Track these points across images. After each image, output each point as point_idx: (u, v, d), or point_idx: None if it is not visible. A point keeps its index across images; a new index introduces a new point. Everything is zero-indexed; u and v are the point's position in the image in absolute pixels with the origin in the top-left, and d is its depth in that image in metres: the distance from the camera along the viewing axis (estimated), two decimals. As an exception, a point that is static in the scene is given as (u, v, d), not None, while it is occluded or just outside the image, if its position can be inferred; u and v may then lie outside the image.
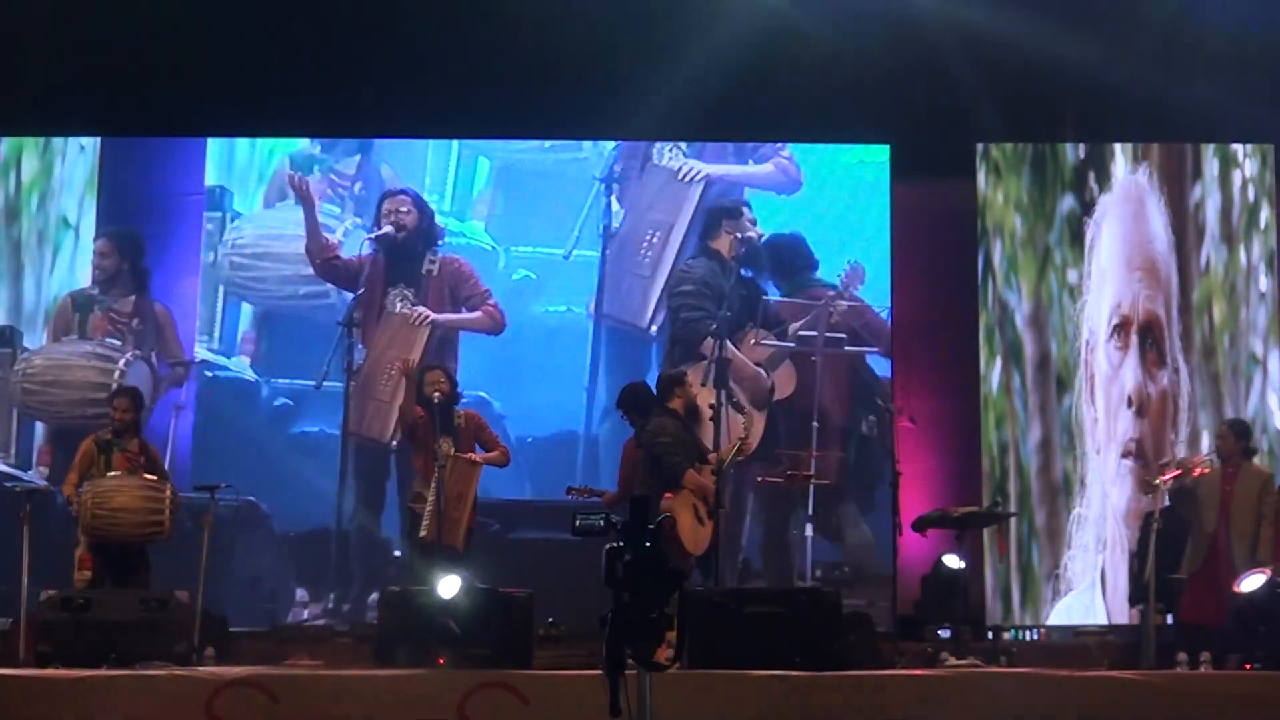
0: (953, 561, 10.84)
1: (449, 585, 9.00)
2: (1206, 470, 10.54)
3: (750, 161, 12.64)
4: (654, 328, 12.42)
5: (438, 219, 12.46)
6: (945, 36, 12.06)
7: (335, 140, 12.72)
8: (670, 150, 12.58)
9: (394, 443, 11.89)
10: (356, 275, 12.26)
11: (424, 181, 12.67)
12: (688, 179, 12.49)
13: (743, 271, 12.23)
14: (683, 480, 9.96)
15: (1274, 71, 12.29)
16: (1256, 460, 10.94)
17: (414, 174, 12.71)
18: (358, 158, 12.72)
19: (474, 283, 12.35)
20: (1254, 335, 12.38)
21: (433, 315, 12.22)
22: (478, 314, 12.32)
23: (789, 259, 12.33)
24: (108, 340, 12.22)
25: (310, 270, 12.37)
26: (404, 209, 12.30)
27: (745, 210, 12.39)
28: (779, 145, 12.59)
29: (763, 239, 12.27)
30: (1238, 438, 10.74)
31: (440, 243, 12.40)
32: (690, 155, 12.59)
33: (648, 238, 12.52)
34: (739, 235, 12.23)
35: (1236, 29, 12.13)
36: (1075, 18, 12.06)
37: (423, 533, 10.09)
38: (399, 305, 12.25)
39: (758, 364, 12.03)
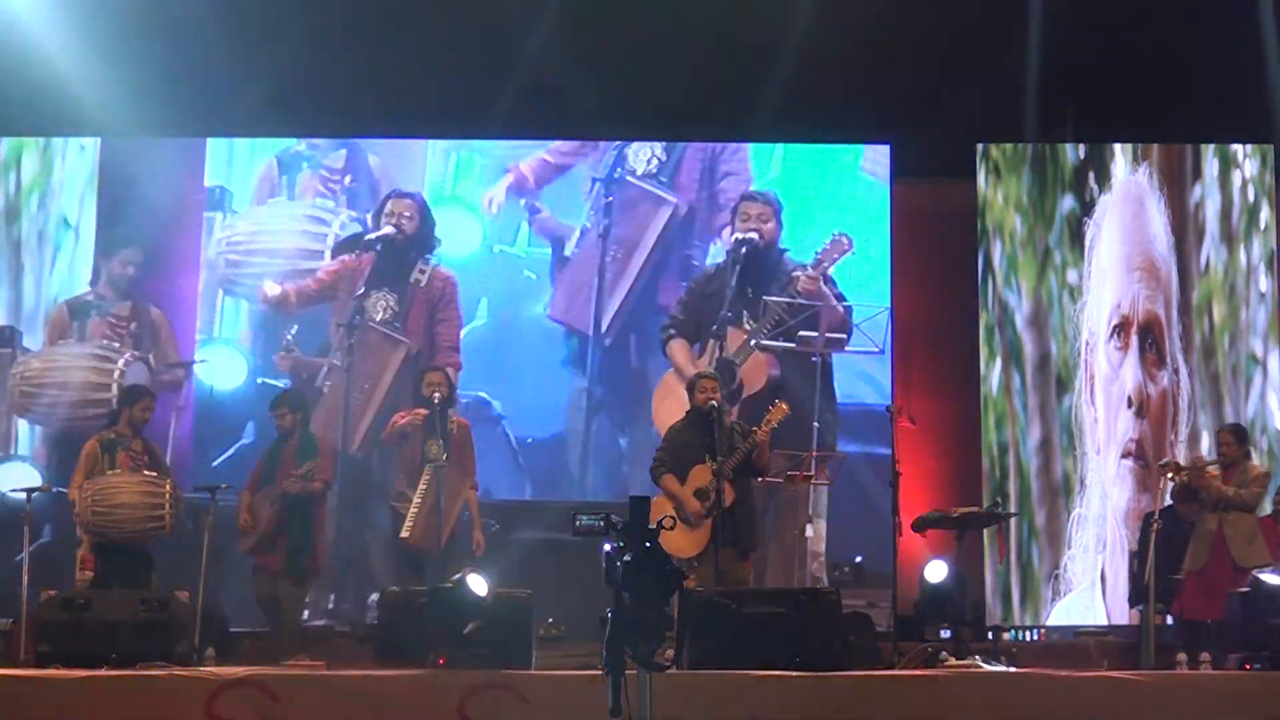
0: (934, 574, 10.86)
1: (479, 583, 8.95)
2: (1216, 474, 10.54)
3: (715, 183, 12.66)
4: (608, 340, 12.44)
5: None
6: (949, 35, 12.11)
7: (327, 139, 12.73)
8: (641, 153, 12.57)
9: (359, 454, 11.93)
10: (329, 282, 12.25)
11: (421, 177, 12.67)
12: (658, 196, 12.50)
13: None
14: (657, 482, 10.06)
15: (1274, 71, 12.30)
16: (1254, 460, 10.93)
17: (403, 167, 12.70)
18: (344, 151, 12.71)
19: (453, 307, 12.31)
20: (1254, 335, 12.39)
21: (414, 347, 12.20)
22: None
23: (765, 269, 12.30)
24: (105, 342, 12.23)
25: (306, 265, 12.38)
26: (407, 213, 12.29)
27: (754, 205, 12.36)
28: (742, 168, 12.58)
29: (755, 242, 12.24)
30: (1240, 441, 10.76)
31: (433, 253, 12.36)
32: (670, 166, 12.58)
33: (612, 252, 12.53)
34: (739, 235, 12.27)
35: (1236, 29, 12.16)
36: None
37: (404, 533, 10.08)
38: (380, 313, 12.22)
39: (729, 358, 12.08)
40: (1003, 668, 9.31)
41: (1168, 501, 10.68)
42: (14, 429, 12.23)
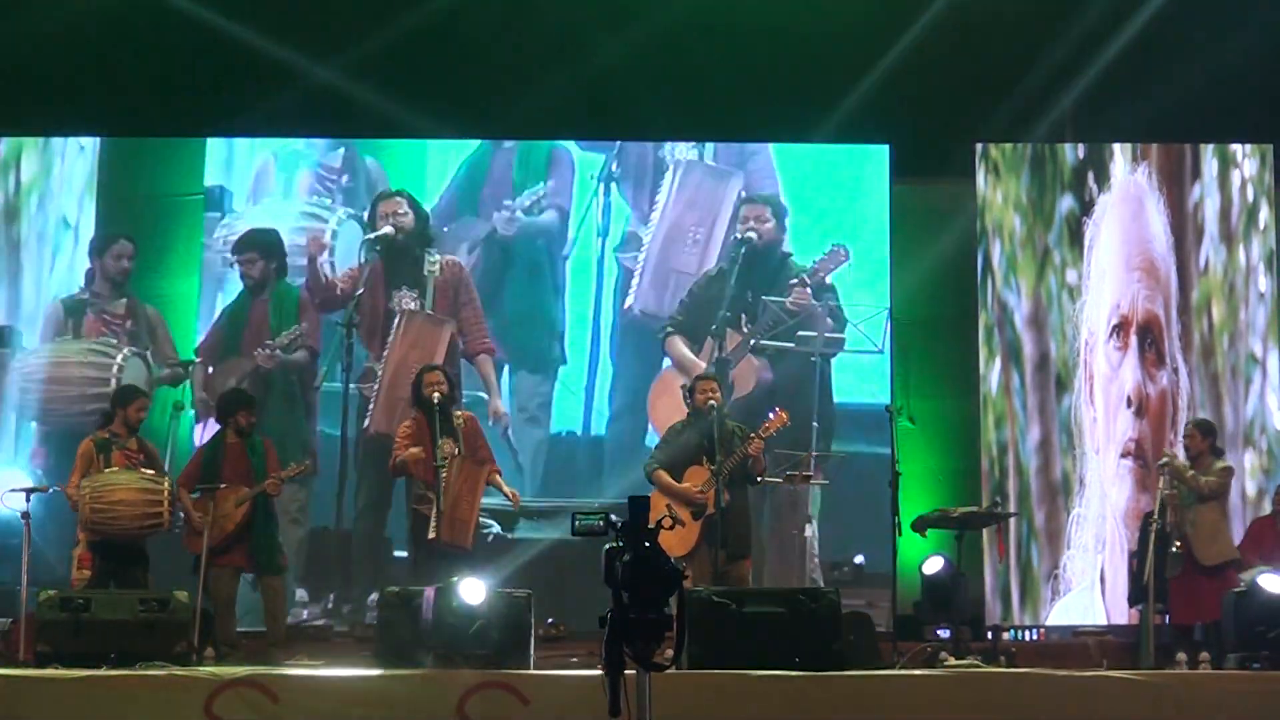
0: (931, 566, 10.91)
1: (474, 590, 8.94)
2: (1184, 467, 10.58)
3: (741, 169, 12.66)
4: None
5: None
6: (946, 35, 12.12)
7: (326, 138, 12.72)
8: (689, 148, 12.59)
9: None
10: (351, 291, 12.26)
11: (419, 175, 12.66)
12: (723, 168, 12.50)
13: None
14: (651, 479, 10.10)
15: (1274, 71, 12.31)
16: (1222, 461, 10.85)
17: (401, 168, 12.71)
18: (342, 151, 12.72)
19: (470, 289, 12.32)
20: (1253, 335, 12.38)
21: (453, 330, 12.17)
22: (489, 360, 12.26)
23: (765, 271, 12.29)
24: (103, 339, 12.23)
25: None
26: (401, 210, 12.30)
27: (752, 208, 12.35)
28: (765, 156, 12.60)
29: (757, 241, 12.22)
30: (1204, 435, 10.76)
31: (433, 244, 12.37)
32: (707, 155, 12.62)
33: (691, 233, 12.52)
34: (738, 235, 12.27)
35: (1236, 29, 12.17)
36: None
37: (431, 534, 9.92)
38: (412, 303, 12.24)
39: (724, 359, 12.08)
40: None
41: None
42: (13, 428, 12.22)
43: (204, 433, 12.14)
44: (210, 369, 12.26)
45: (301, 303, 11.82)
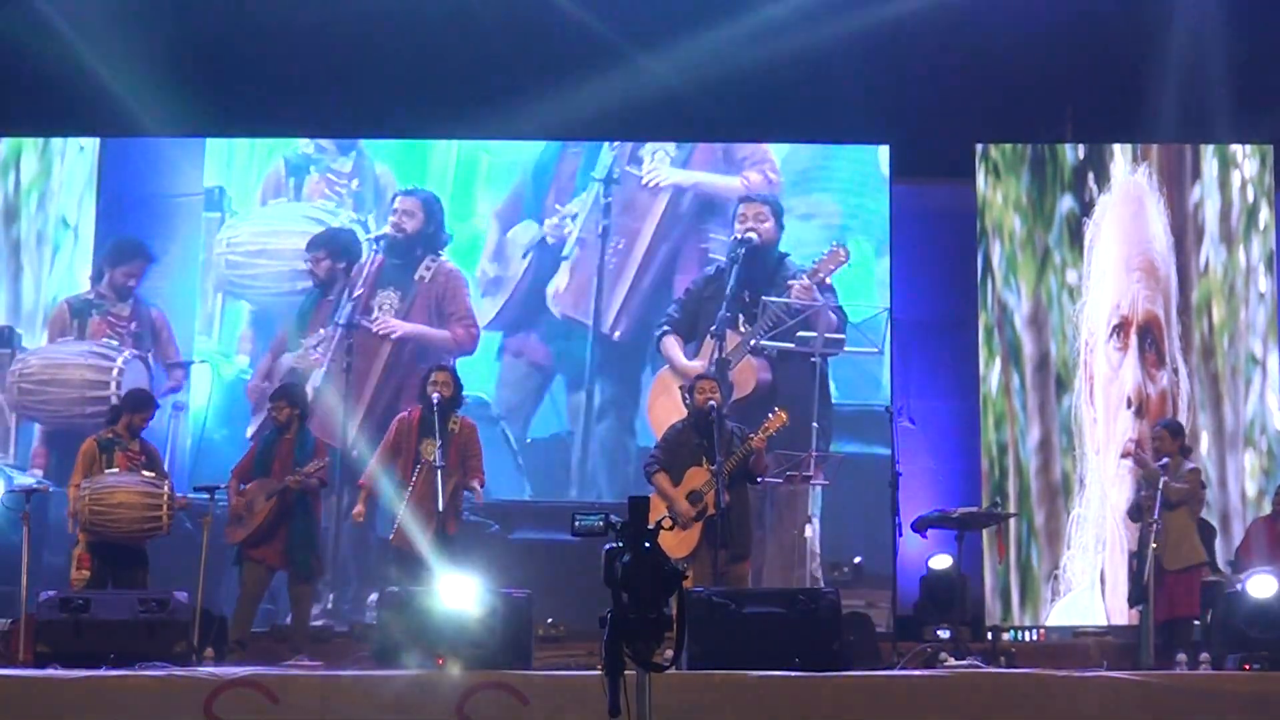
0: (939, 562, 10.92)
1: (467, 591, 8.96)
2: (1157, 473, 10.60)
3: (735, 172, 12.59)
4: (617, 333, 12.41)
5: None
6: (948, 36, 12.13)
7: (331, 139, 12.71)
8: (656, 153, 12.56)
9: (354, 451, 11.90)
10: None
11: (423, 180, 12.66)
12: (653, 185, 12.48)
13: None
14: (650, 480, 10.11)
15: (1274, 71, 12.31)
16: (1190, 463, 10.86)
17: (411, 171, 12.70)
18: (353, 155, 12.72)
19: (461, 300, 12.27)
20: (1253, 335, 12.38)
21: (399, 329, 12.13)
22: (444, 332, 12.20)
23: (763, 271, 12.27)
24: (104, 340, 12.23)
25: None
26: (408, 211, 12.28)
27: (751, 207, 12.32)
28: (764, 158, 12.56)
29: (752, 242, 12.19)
30: (1173, 436, 10.77)
31: (443, 249, 12.35)
32: (679, 160, 12.57)
33: (614, 244, 12.51)
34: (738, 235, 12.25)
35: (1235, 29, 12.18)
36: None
37: (390, 535, 10.26)
38: (376, 310, 12.20)
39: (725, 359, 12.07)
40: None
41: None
42: (13, 428, 12.22)
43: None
44: (279, 361, 12.27)
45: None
